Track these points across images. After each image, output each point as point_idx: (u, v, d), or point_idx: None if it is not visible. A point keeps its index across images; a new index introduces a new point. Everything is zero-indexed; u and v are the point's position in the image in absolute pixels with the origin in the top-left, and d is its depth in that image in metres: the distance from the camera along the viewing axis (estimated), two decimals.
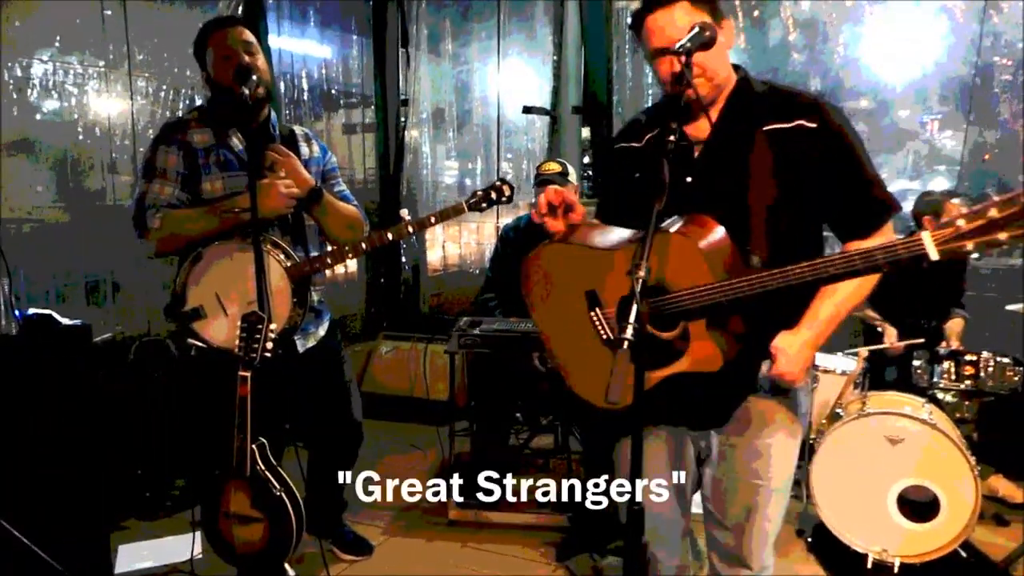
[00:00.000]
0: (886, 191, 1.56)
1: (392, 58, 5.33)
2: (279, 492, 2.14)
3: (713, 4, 1.52)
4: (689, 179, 1.57)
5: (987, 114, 3.98)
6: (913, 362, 3.32)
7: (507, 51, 5.03)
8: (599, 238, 1.58)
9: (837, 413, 2.98)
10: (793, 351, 1.50)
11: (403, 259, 5.53)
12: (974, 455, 2.64)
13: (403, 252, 5.51)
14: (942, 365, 3.27)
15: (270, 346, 2.03)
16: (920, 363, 3.30)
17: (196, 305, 2.23)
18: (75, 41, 3.41)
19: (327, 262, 2.32)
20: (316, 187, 2.34)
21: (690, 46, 1.42)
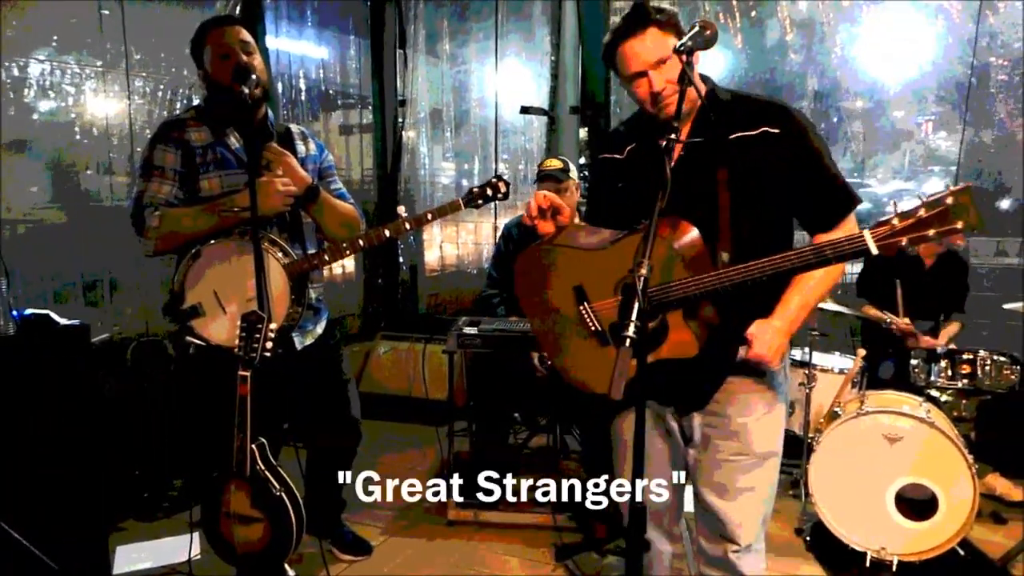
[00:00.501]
0: (847, 187, 1.69)
1: (390, 59, 5.33)
2: (279, 492, 2.14)
3: (678, 27, 1.65)
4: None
5: (983, 114, 3.99)
6: (911, 361, 3.33)
7: (505, 51, 5.03)
8: (585, 239, 1.73)
9: (835, 412, 2.99)
10: (767, 336, 1.63)
11: (401, 259, 5.53)
12: (972, 453, 2.65)
13: (401, 252, 5.51)
14: (939, 364, 3.29)
15: (270, 345, 2.03)
16: (917, 362, 3.31)
17: (194, 303, 2.23)
18: (72, 41, 3.40)
19: (325, 259, 2.32)
20: (313, 185, 2.35)
21: (691, 44, 1.48)
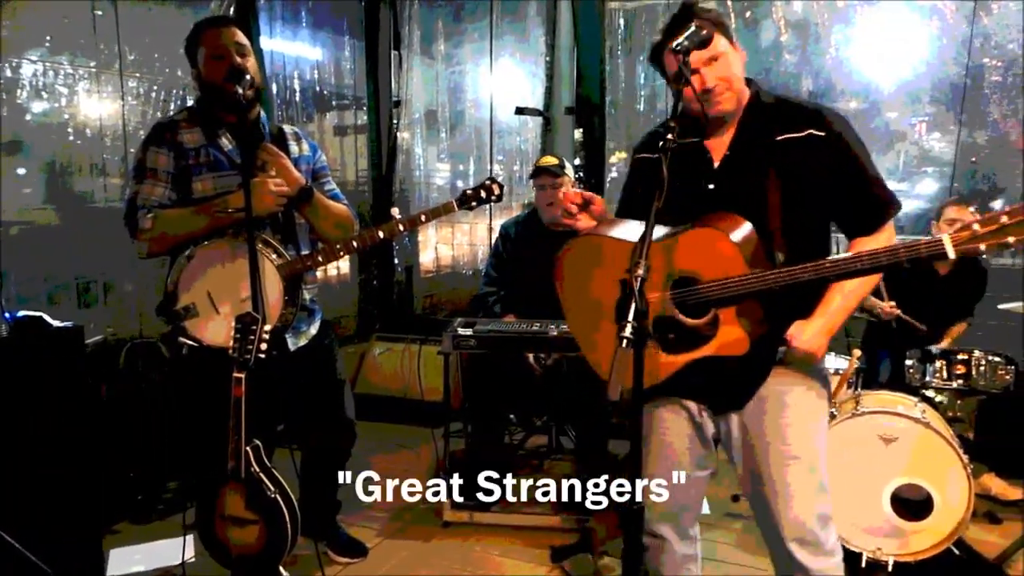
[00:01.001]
0: (888, 191, 1.70)
1: (384, 59, 5.32)
2: (274, 494, 2.14)
3: (724, 26, 1.68)
4: (711, 186, 1.73)
5: (977, 115, 4.01)
6: (906, 361, 3.33)
7: (499, 52, 5.03)
8: (632, 232, 1.69)
9: (831, 412, 2.99)
10: (807, 336, 1.65)
11: (396, 261, 5.53)
12: (967, 454, 2.66)
13: (396, 254, 5.50)
14: (934, 364, 3.29)
15: (264, 347, 2.02)
16: (912, 362, 3.31)
17: (188, 303, 2.22)
18: (65, 41, 3.39)
19: (319, 260, 2.32)
20: (306, 186, 2.35)
21: (687, 44, 1.53)
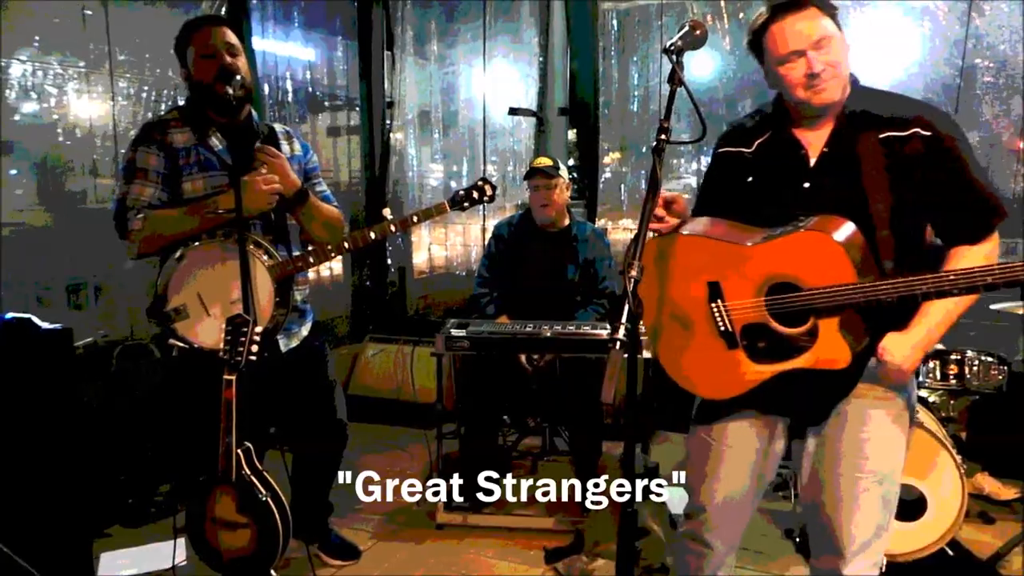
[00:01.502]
0: (994, 196, 1.58)
1: (377, 60, 5.31)
2: (265, 497, 2.12)
3: (833, 12, 1.57)
4: (807, 185, 1.62)
5: (970, 116, 4.01)
6: None
7: (493, 53, 5.02)
8: (729, 233, 1.62)
9: None
10: (902, 352, 1.53)
11: (389, 261, 5.51)
12: (960, 453, 2.66)
13: (389, 254, 5.49)
14: (927, 364, 3.29)
15: (255, 349, 2.01)
16: None
17: (178, 305, 2.20)
18: (55, 41, 3.36)
19: (310, 261, 2.31)
20: (303, 189, 2.34)
21: (680, 44, 1.49)
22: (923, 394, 3.25)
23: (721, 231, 1.63)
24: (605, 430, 3.37)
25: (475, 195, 2.43)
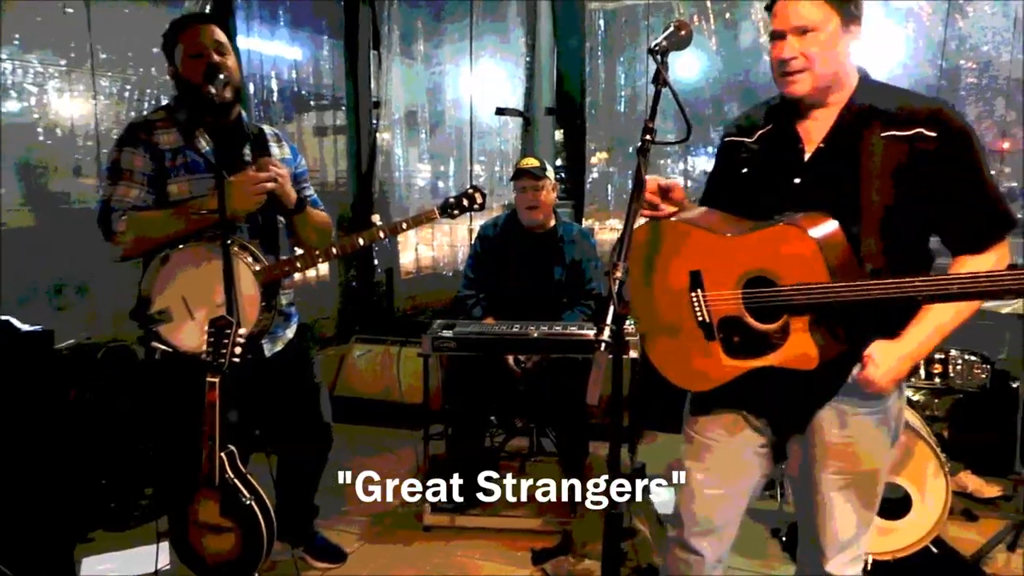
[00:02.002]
0: (1005, 205, 1.51)
1: (364, 60, 5.28)
2: (249, 500, 2.10)
3: (844, 6, 1.52)
4: (797, 180, 1.57)
5: None
6: None
7: (480, 52, 5.00)
8: (719, 223, 1.59)
9: None
10: (888, 362, 1.48)
11: (376, 262, 5.49)
12: (944, 452, 2.67)
13: (376, 255, 5.46)
14: None
15: (238, 351, 1.99)
16: None
17: (162, 308, 2.18)
18: (35, 39, 3.31)
19: (297, 267, 2.30)
20: (299, 199, 2.34)
21: (665, 45, 1.46)
22: (907, 393, 3.27)
23: (711, 221, 1.60)
24: (592, 430, 3.37)
25: (465, 203, 2.44)
